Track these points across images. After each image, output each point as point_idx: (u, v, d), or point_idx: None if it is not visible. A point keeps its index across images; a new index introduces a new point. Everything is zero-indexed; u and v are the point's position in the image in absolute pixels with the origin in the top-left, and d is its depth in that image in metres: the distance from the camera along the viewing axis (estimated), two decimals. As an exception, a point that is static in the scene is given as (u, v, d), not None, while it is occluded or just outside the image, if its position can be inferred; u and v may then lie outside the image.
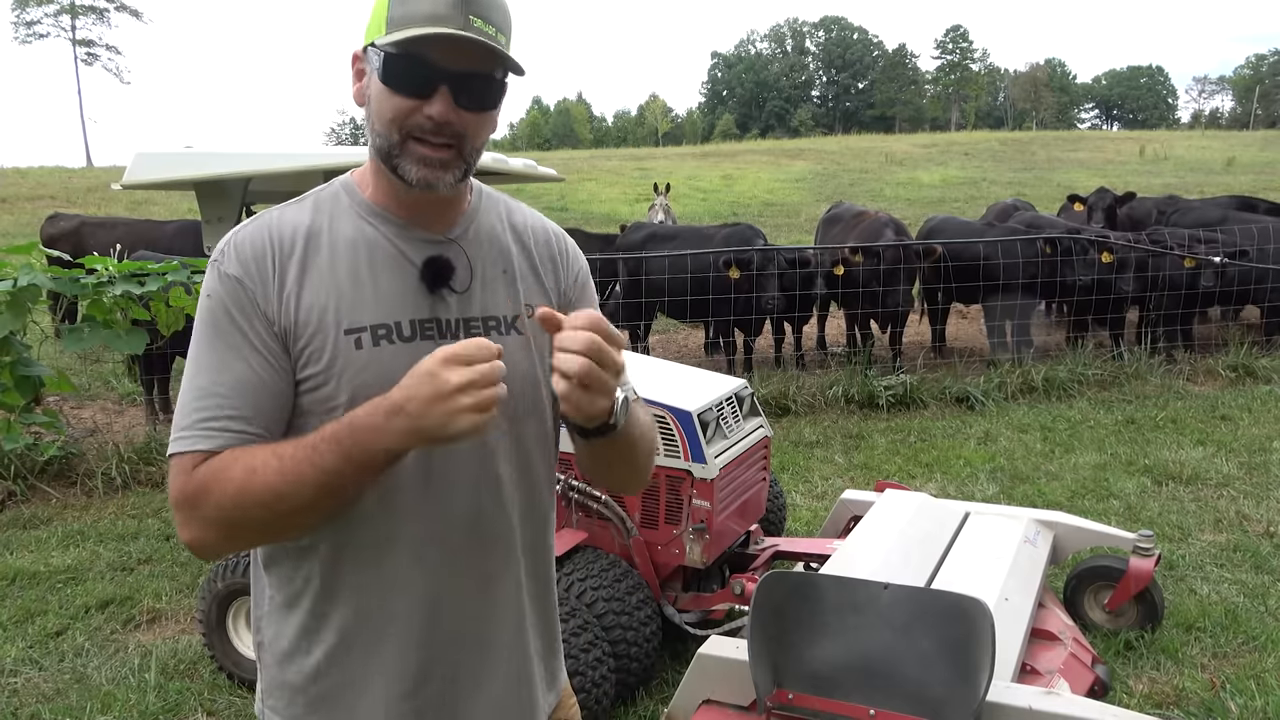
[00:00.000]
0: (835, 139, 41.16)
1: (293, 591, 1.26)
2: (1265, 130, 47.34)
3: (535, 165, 3.57)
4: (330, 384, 1.18)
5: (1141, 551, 3.32)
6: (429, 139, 1.18)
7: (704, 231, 8.68)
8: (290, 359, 1.19)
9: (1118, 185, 12.75)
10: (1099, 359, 7.44)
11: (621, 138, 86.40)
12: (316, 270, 1.21)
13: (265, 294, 1.18)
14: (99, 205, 17.66)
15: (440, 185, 1.20)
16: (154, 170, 3.26)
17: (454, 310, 1.26)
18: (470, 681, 1.30)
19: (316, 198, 1.28)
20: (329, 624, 1.25)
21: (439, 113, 1.16)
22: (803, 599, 2.43)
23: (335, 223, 1.25)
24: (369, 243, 1.24)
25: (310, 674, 1.26)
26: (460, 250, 1.28)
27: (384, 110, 1.18)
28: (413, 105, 1.16)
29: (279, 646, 1.28)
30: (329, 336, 1.18)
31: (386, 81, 1.17)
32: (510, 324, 1.30)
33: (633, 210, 17.91)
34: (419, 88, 1.16)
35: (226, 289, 1.18)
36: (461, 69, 1.16)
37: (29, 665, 3.46)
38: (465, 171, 1.23)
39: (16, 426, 5.06)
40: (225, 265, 1.20)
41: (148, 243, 8.42)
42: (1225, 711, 2.92)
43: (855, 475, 5.41)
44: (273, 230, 1.22)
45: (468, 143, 1.20)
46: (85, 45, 57.95)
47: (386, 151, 1.20)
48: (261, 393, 1.17)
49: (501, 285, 1.31)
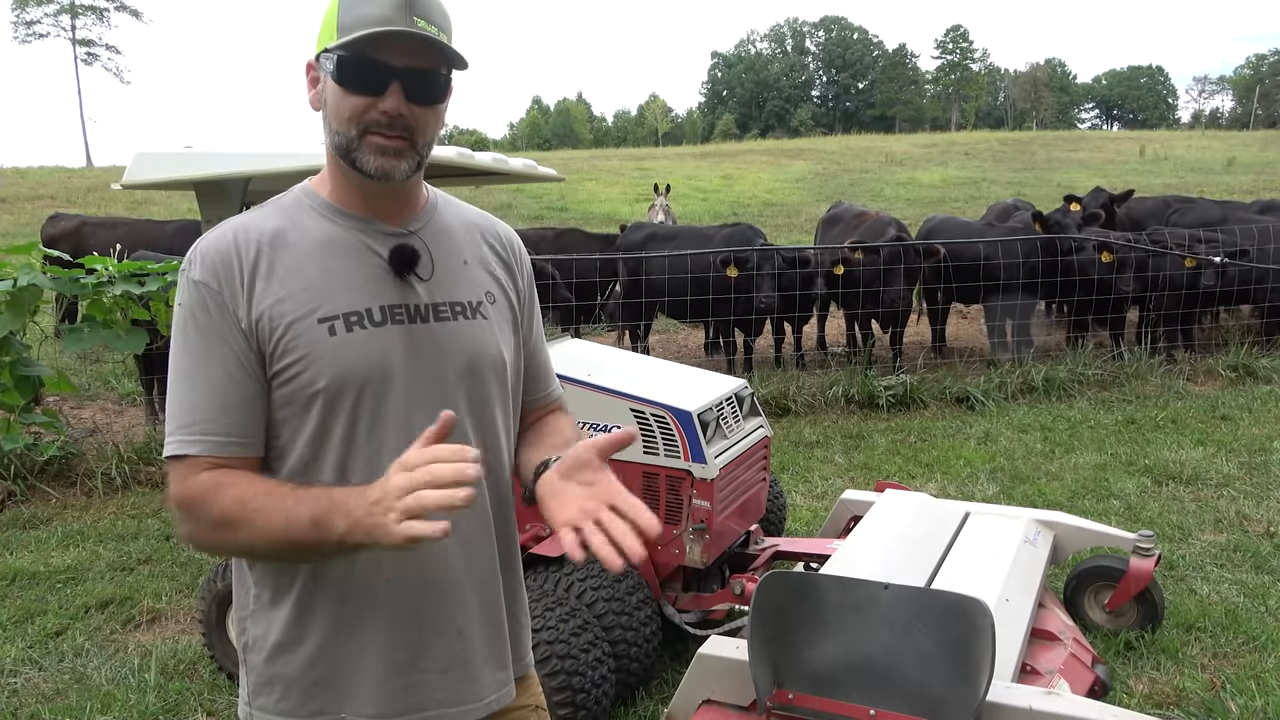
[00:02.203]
0: (835, 139, 41.14)
1: (279, 585, 1.30)
2: (1265, 130, 47.32)
3: (535, 165, 3.56)
4: (308, 371, 1.24)
5: (1142, 551, 3.31)
6: (384, 132, 1.25)
7: (704, 232, 8.69)
8: (262, 357, 1.24)
9: (1118, 185, 12.75)
10: (1099, 359, 7.43)
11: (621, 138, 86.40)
12: (284, 267, 1.26)
13: (234, 297, 1.24)
14: (99, 205, 17.66)
15: (396, 174, 1.27)
16: (154, 170, 3.25)
17: (422, 296, 1.33)
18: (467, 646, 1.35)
19: (278, 203, 1.35)
20: (318, 611, 1.29)
21: (392, 107, 1.23)
22: (803, 599, 2.43)
23: (299, 222, 1.31)
24: (334, 238, 1.31)
25: (304, 663, 1.29)
26: (421, 242, 1.35)
27: (341, 109, 1.25)
28: (367, 102, 1.24)
29: (268, 642, 1.31)
30: (303, 326, 1.24)
31: (341, 82, 1.24)
32: (474, 309, 1.37)
33: (632, 210, 17.91)
34: (372, 85, 1.23)
35: (195, 296, 1.25)
36: (410, 65, 1.23)
37: (29, 665, 3.46)
38: (418, 163, 1.30)
39: (16, 426, 5.06)
40: (193, 273, 1.26)
41: (148, 242, 8.43)
42: (1225, 712, 2.92)
43: (855, 475, 5.41)
44: (238, 235, 1.28)
45: (419, 136, 1.28)
46: (85, 45, 57.93)
47: (345, 148, 1.27)
48: (232, 396, 1.23)
49: (463, 274, 1.39)
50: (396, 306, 1.30)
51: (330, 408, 1.25)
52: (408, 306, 1.30)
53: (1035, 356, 7.57)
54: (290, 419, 1.26)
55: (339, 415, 1.25)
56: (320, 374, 1.24)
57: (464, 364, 1.34)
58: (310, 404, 1.24)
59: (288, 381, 1.24)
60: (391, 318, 1.29)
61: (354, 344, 1.25)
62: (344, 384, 1.24)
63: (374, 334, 1.27)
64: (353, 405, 1.26)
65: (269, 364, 1.24)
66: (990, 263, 7.73)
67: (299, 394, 1.24)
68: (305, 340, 1.23)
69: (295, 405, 1.25)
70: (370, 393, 1.26)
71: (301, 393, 1.24)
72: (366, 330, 1.26)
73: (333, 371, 1.24)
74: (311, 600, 1.28)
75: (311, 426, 1.26)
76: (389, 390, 1.27)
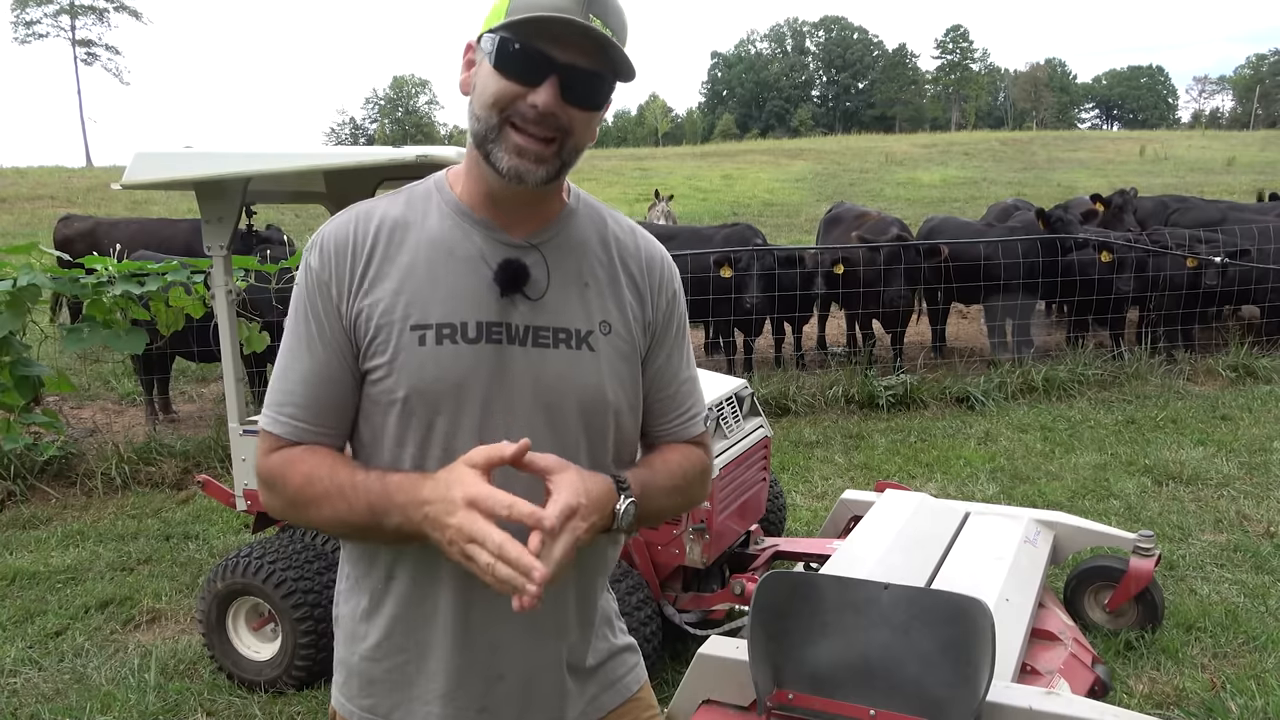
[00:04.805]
0: (835, 139, 41.15)
1: (361, 571, 1.30)
2: (1265, 130, 47.33)
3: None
4: (391, 377, 1.21)
5: (1142, 552, 3.31)
6: (529, 129, 1.16)
7: (703, 232, 8.68)
8: (358, 352, 1.23)
9: (1118, 185, 12.74)
10: (1099, 359, 7.43)
11: (621, 138, 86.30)
12: (396, 264, 1.22)
13: (340, 287, 1.22)
14: (99, 205, 17.66)
15: (530, 179, 1.18)
16: (153, 170, 3.26)
17: (524, 317, 1.24)
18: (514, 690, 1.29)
19: (410, 192, 1.30)
20: (384, 609, 1.28)
21: (544, 102, 1.14)
22: (803, 599, 2.43)
23: (423, 218, 1.26)
24: (450, 241, 1.24)
25: (365, 655, 1.30)
26: (540, 257, 1.26)
27: (487, 92, 1.17)
28: (518, 91, 1.15)
29: (347, 625, 1.32)
30: (394, 330, 1.20)
31: (498, 65, 1.15)
32: (582, 338, 1.26)
33: (632, 210, 17.90)
34: (529, 74, 1.14)
35: (307, 281, 1.24)
36: (573, 62, 1.15)
37: (29, 665, 3.46)
38: (560, 170, 1.20)
39: (16, 426, 5.06)
40: (311, 258, 1.24)
41: (162, 241, 8.41)
42: (1225, 712, 2.92)
43: (855, 475, 5.41)
44: (359, 223, 1.25)
45: (570, 139, 1.19)
46: (85, 45, 58.03)
47: (483, 136, 1.18)
48: (323, 387, 1.23)
49: (579, 298, 1.28)
50: (495, 325, 1.22)
51: (406, 419, 1.22)
52: (507, 326, 1.23)
53: (1035, 356, 7.57)
54: (372, 419, 1.25)
55: (414, 427, 1.22)
56: (401, 383, 1.20)
57: (551, 397, 1.24)
58: (389, 410, 1.22)
59: (374, 384, 1.23)
60: (488, 336, 1.22)
61: (440, 358, 1.20)
62: (421, 396, 1.20)
63: (463, 350, 1.20)
64: (428, 419, 1.21)
65: (361, 361, 1.23)
66: (990, 263, 7.73)
67: (381, 398, 1.22)
68: (395, 346, 1.20)
69: (379, 407, 1.23)
70: (446, 410, 1.21)
71: (384, 397, 1.22)
72: (457, 345, 1.20)
73: (412, 383, 1.20)
74: (382, 597, 1.28)
75: (390, 432, 1.23)
76: (464, 409, 1.21)
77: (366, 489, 1.16)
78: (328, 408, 1.24)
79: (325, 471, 1.19)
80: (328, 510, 1.18)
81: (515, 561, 1.04)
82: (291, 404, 1.23)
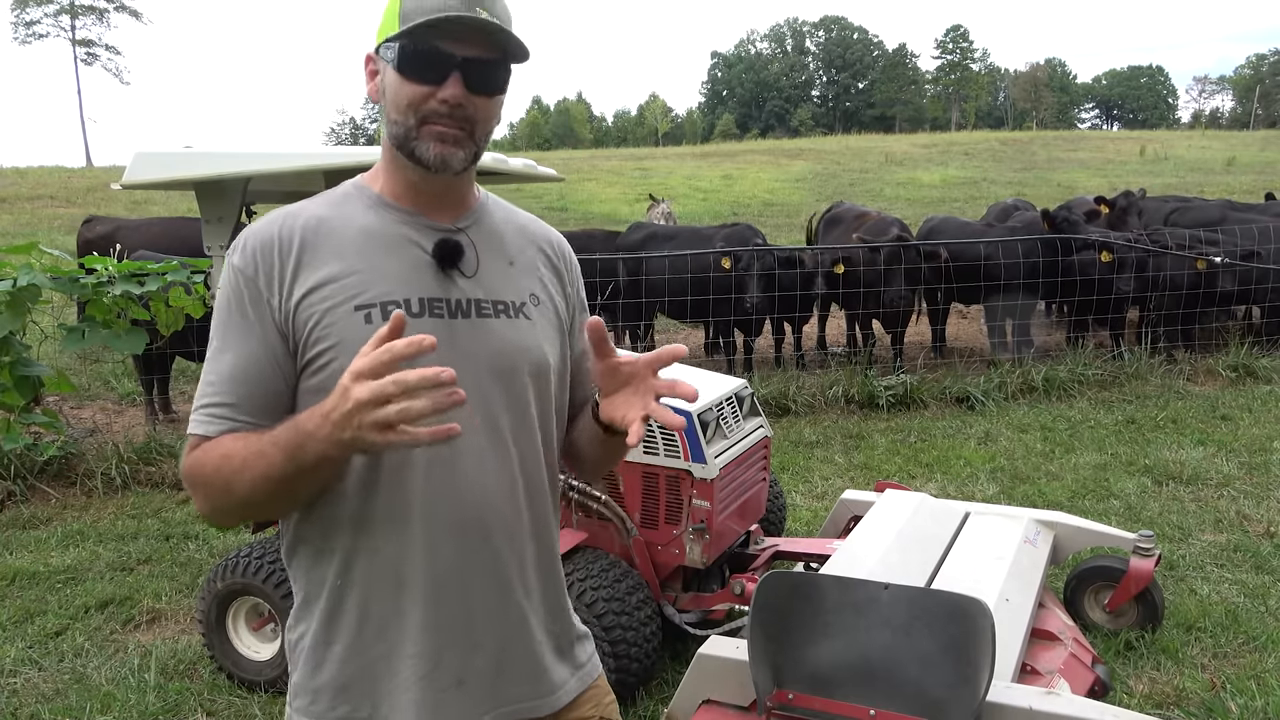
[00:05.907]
0: (835, 139, 41.14)
1: (313, 584, 1.30)
2: (1265, 130, 47.33)
3: (535, 165, 3.56)
4: (341, 359, 1.22)
5: (1142, 552, 3.31)
6: (444, 121, 1.24)
7: (703, 232, 8.68)
8: (294, 347, 1.24)
9: (1118, 185, 12.75)
10: (1099, 359, 7.43)
11: (621, 138, 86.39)
12: (325, 253, 1.26)
13: (270, 284, 1.24)
14: (99, 205, 17.65)
15: (454, 162, 1.26)
16: (153, 170, 3.26)
17: (463, 292, 1.31)
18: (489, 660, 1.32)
19: (328, 195, 1.35)
20: (346, 614, 1.28)
21: (452, 95, 1.22)
22: (803, 599, 2.43)
23: (346, 213, 1.31)
24: (378, 229, 1.30)
25: (335, 664, 1.29)
26: (468, 239, 1.34)
27: (400, 98, 1.24)
28: (426, 91, 1.23)
29: (304, 643, 1.31)
30: (339, 314, 1.23)
31: (401, 70, 1.23)
32: (518, 309, 1.35)
33: (632, 210, 17.91)
34: (433, 73, 1.23)
35: (232, 281, 1.26)
36: (471, 54, 1.23)
37: (28, 665, 3.46)
38: (475, 154, 1.29)
39: (16, 426, 5.06)
40: (234, 258, 1.27)
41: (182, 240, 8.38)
42: (1225, 712, 2.92)
43: (855, 475, 5.41)
44: (284, 221, 1.29)
45: (478, 126, 1.27)
46: (85, 45, 57.96)
47: (403, 137, 1.26)
48: (253, 380, 1.23)
49: (508, 275, 1.37)
50: (437, 300, 1.28)
51: None
52: (448, 301, 1.29)
53: (1035, 356, 7.57)
54: None
55: None
56: (349, 364, 1.19)
57: (502, 362, 1.31)
58: None
59: (320, 369, 1.23)
60: (430, 310, 1.27)
61: None
62: None
63: (410, 325, 1.20)
64: None
65: (301, 352, 1.24)
66: (990, 263, 7.73)
67: (330, 382, 1.20)
68: (340, 328, 1.22)
69: (326, 394, 1.19)
70: None
71: (333, 380, 1.19)
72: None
73: None
74: (340, 601, 1.27)
75: None
76: None
77: (276, 438, 1.14)
78: (256, 398, 1.23)
79: (239, 444, 1.18)
80: (249, 476, 1.16)
81: (418, 382, 1.02)
82: (217, 402, 1.23)
